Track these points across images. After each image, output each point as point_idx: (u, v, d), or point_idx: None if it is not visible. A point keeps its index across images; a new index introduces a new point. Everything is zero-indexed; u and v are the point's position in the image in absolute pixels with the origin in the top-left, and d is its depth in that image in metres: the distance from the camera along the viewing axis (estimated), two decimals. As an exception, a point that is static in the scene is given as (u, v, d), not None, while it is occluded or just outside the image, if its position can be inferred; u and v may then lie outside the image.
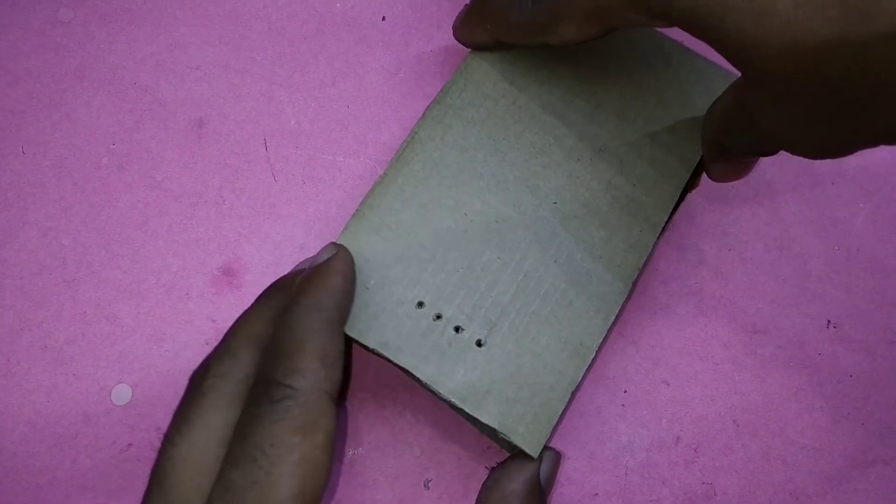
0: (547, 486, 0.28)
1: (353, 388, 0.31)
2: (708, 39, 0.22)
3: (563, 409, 0.27)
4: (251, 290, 0.32)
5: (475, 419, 0.27)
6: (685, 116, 0.31)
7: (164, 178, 0.34)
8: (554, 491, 0.31)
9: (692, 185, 0.31)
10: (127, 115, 0.34)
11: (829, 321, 0.33)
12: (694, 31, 0.22)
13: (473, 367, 0.27)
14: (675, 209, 0.30)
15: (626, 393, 0.32)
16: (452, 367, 0.27)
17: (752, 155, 0.28)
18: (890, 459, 0.32)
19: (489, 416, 0.26)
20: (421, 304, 0.27)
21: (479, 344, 0.27)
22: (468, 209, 0.29)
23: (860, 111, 0.20)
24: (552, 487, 0.29)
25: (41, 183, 0.33)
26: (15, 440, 0.30)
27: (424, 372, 0.27)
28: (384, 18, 0.36)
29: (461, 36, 0.31)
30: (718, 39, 0.21)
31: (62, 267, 0.32)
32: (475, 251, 0.28)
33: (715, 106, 0.28)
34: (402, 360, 0.27)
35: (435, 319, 0.27)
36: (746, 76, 0.23)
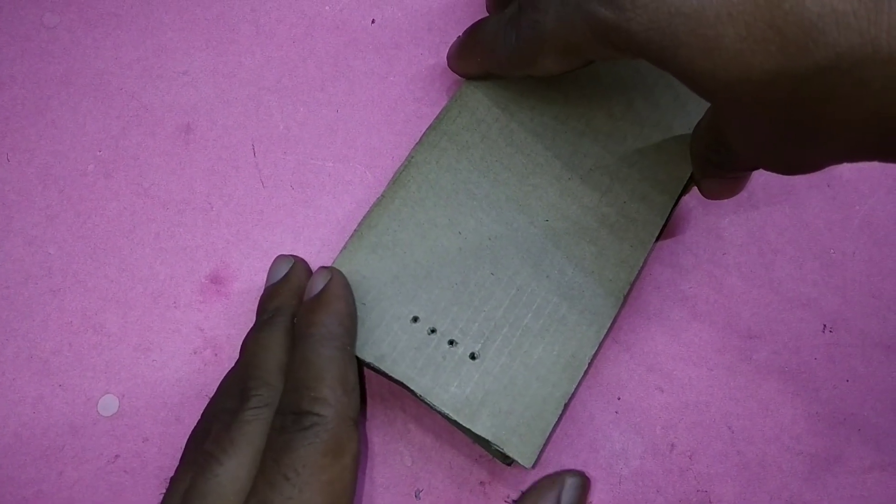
0: None
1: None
2: (668, 70, 0.23)
3: (555, 421, 0.27)
4: (239, 298, 0.32)
5: (469, 430, 0.27)
6: (675, 134, 0.31)
7: (151, 184, 0.33)
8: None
9: (684, 191, 0.31)
10: (113, 121, 0.34)
11: (824, 325, 0.33)
12: (655, 63, 0.23)
13: (467, 379, 0.27)
14: (667, 220, 0.30)
15: (619, 400, 0.32)
16: (447, 379, 0.27)
17: (738, 170, 0.28)
18: (887, 465, 0.32)
19: (483, 427, 0.27)
20: (416, 318, 0.28)
21: (472, 357, 0.28)
22: (462, 227, 0.29)
23: (812, 135, 0.21)
24: None
25: (26, 191, 0.33)
26: (0, 452, 0.30)
27: (419, 384, 0.27)
28: (374, 21, 0.36)
29: (455, 67, 0.32)
30: (676, 72, 0.23)
31: (48, 276, 0.32)
32: (469, 267, 0.29)
33: (700, 124, 0.29)
34: (397, 373, 0.27)
35: (429, 333, 0.28)
36: (709, 102, 0.24)
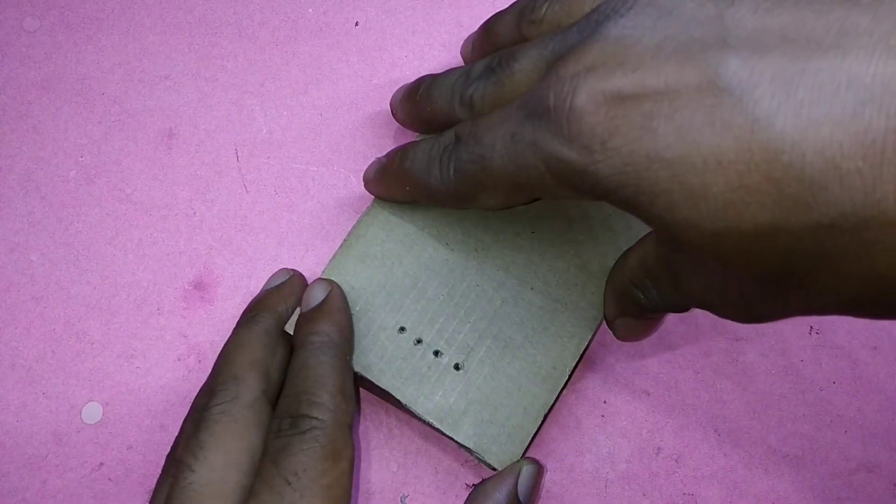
0: (528, 499, 0.28)
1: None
2: (638, 216, 0.21)
3: (535, 430, 0.28)
4: (223, 304, 0.32)
5: (452, 438, 0.28)
6: None
7: (133, 190, 0.33)
8: (533, 505, 0.31)
9: None
10: (95, 126, 0.34)
11: (811, 327, 0.33)
12: (622, 208, 0.21)
13: (451, 389, 0.28)
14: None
15: (605, 403, 0.32)
16: (431, 389, 0.28)
17: (664, 311, 0.26)
18: (873, 467, 0.32)
19: (465, 436, 0.27)
20: (402, 329, 0.28)
21: (456, 368, 0.28)
22: (449, 239, 0.29)
23: (797, 290, 0.20)
24: (535, 500, 0.29)
25: (8, 197, 0.33)
26: (-17, 461, 0.30)
27: (404, 394, 0.28)
28: (357, 24, 0.35)
29: (375, 192, 0.30)
30: (649, 218, 0.21)
31: (30, 283, 0.32)
32: (455, 279, 0.29)
33: (629, 256, 0.26)
34: (383, 382, 0.28)
35: (416, 344, 0.28)
36: (675, 247, 0.22)
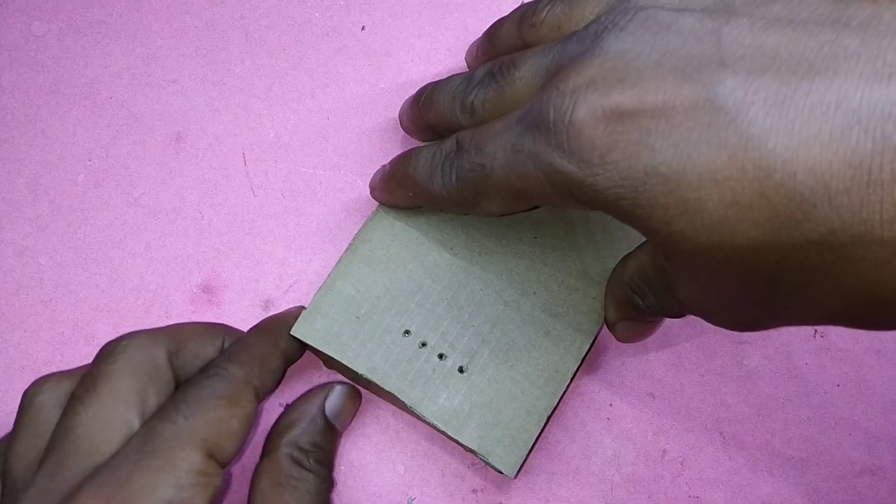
0: (336, 418, 0.28)
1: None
2: (634, 226, 0.22)
3: (538, 432, 0.28)
4: (231, 307, 0.32)
5: (457, 440, 0.28)
6: None
7: (141, 194, 0.33)
8: (539, 507, 0.31)
9: None
10: (103, 130, 0.34)
11: (815, 330, 0.33)
12: (620, 219, 0.22)
13: (455, 392, 0.28)
14: None
15: (611, 406, 0.32)
16: (436, 391, 0.28)
17: (661, 315, 0.27)
18: (877, 469, 0.32)
19: (469, 438, 0.28)
20: (407, 332, 0.29)
21: (461, 370, 0.28)
22: (454, 243, 0.30)
23: (786, 302, 0.21)
24: (346, 421, 0.29)
25: (16, 201, 0.33)
26: (-7, 464, 0.30)
27: (409, 396, 0.28)
28: (363, 28, 0.35)
29: (381, 199, 0.30)
30: (645, 230, 0.22)
31: (39, 287, 0.32)
32: (459, 283, 0.29)
33: (627, 263, 0.27)
34: (388, 384, 0.28)
35: (420, 347, 0.29)
36: (670, 257, 0.23)
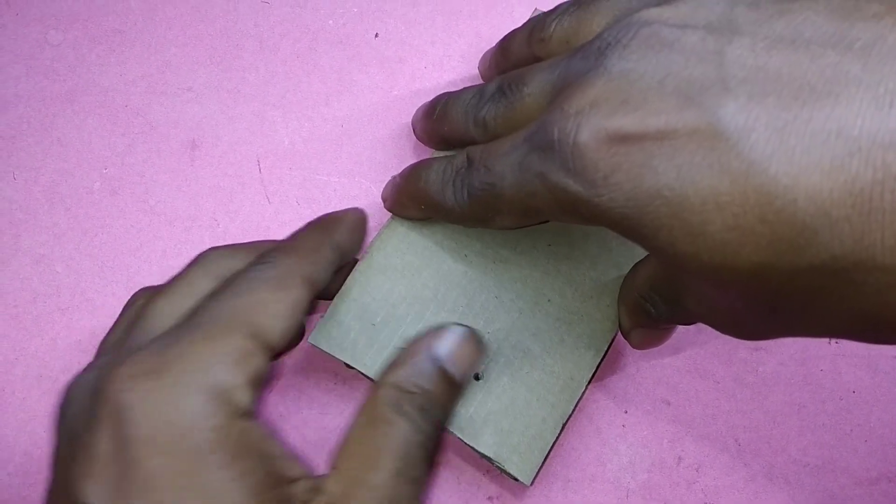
0: (455, 366, 0.25)
1: (352, 413, 0.31)
2: (639, 244, 0.22)
3: (554, 439, 0.28)
4: (247, 315, 0.32)
5: (473, 448, 0.28)
6: None
7: (157, 202, 0.33)
8: (555, 514, 0.31)
9: None
10: (119, 138, 0.34)
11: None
12: (625, 236, 0.22)
13: (471, 399, 0.28)
14: None
15: (626, 413, 0.32)
16: None
17: (673, 323, 0.28)
18: (893, 476, 0.32)
19: (485, 446, 0.28)
20: None
21: (476, 378, 0.28)
22: (468, 251, 0.30)
23: (789, 320, 0.21)
24: (466, 370, 0.26)
25: (33, 209, 0.33)
26: (11, 472, 0.30)
27: None
28: (377, 35, 0.36)
29: (394, 211, 0.30)
30: (650, 248, 0.22)
31: (56, 295, 0.32)
32: (474, 291, 0.29)
33: (638, 271, 0.27)
34: None
35: None
36: (675, 273, 0.23)
